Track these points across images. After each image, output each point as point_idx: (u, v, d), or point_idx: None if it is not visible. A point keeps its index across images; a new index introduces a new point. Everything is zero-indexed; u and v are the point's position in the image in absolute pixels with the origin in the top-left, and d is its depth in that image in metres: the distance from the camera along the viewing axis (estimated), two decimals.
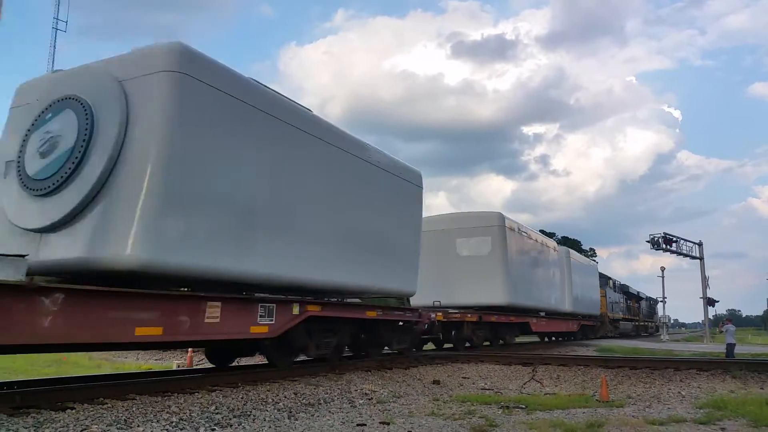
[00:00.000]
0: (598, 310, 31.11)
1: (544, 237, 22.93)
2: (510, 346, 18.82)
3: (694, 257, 38.89)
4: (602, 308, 32.95)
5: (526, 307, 18.93)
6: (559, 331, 25.59)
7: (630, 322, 44.89)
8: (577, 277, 25.65)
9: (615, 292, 39.78)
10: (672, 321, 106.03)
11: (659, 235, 37.05)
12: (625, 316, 42.46)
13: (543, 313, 21.45)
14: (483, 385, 9.96)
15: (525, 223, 18.33)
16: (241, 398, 6.77)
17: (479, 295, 16.54)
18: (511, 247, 17.26)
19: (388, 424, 6.00)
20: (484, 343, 17.50)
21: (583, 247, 73.04)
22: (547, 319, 22.09)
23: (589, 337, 30.32)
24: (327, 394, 7.65)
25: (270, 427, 5.71)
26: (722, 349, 18.63)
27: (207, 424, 5.54)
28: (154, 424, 5.30)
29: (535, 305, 19.94)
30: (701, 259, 38.70)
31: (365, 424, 5.98)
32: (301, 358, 9.98)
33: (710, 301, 38.12)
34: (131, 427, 5.10)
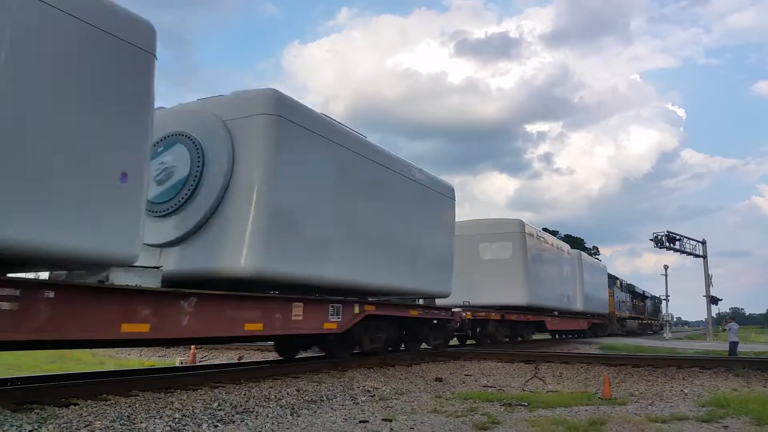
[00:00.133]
0: (606, 309, 32.50)
1: (559, 241, 24.44)
2: (527, 343, 20.24)
3: (697, 256, 39.32)
4: (610, 307, 34.27)
5: (543, 307, 20.36)
6: (571, 329, 27.01)
7: (636, 321, 46.15)
8: (587, 278, 27.07)
9: (622, 291, 40.79)
10: (675, 319, 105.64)
11: (663, 234, 37.31)
12: (631, 315, 43.74)
13: (556, 312, 22.85)
14: (485, 382, 9.95)
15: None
16: (244, 395, 6.83)
17: (500, 295, 17.98)
18: (530, 252, 18.78)
19: (391, 421, 6.00)
20: (504, 340, 18.93)
21: (587, 245, 72.86)
22: (561, 318, 23.51)
23: (598, 335, 31.55)
24: (329, 390, 7.68)
25: (272, 424, 5.69)
26: (725, 347, 18.78)
27: (210, 421, 5.53)
28: (157, 420, 5.30)
29: (550, 305, 21.38)
30: (704, 257, 39.14)
31: (368, 421, 5.97)
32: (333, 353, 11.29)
33: (713, 300, 38.67)
34: (134, 424, 5.09)
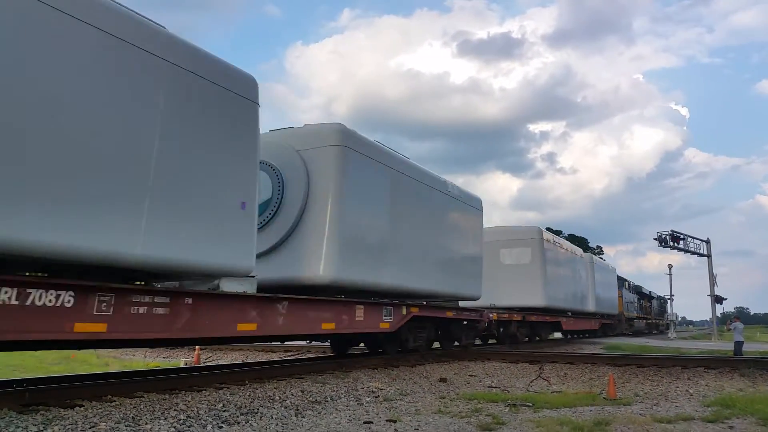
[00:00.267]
0: (616, 310, 33.84)
1: (573, 246, 25.84)
2: (531, 343, 21.58)
3: (701, 255, 39.20)
4: (619, 308, 35.60)
5: (559, 308, 21.77)
6: (584, 329, 28.35)
7: (643, 320, 47.38)
8: (599, 280, 28.49)
9: (630, 292, 41.90)
10: (680, 319, 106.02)
11: (666, 233, 37.23)
12: (638, 315, 44.92)
13: (570, 313, 24.23)
14: (490, 383, 10.00)
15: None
16: (249, 396, 6.86)
17: (520, 297, 19.42)
18: (548, 257, 20.23)
19: (395, 422, 6.01)
20: (524, 339, 20.31)
21: (590, 244, 72.94)
22: (575, 319, 24.88)
23: (608, 335, 32.83)
24: (334, 391, 7.74)
25: (277, 425, 5.70)
26: (730, 346, 18.88)
27: (214, 422, 5.55)
28: (161, 421, 5.31)
29: (565, 306, 22.80)
30: (709, 256, 39.16)
31: (372, 422, 5.98)
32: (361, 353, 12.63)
33: (718, 299, 39.09)
34: (139, 425, 5.11)
